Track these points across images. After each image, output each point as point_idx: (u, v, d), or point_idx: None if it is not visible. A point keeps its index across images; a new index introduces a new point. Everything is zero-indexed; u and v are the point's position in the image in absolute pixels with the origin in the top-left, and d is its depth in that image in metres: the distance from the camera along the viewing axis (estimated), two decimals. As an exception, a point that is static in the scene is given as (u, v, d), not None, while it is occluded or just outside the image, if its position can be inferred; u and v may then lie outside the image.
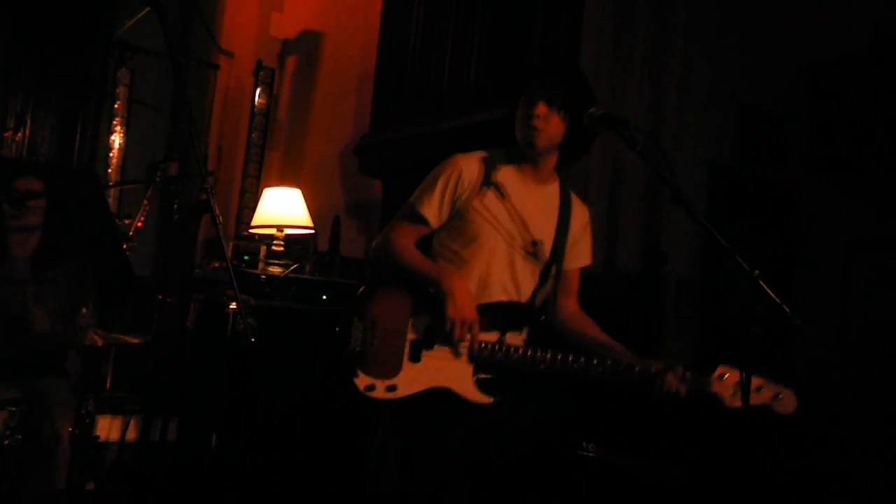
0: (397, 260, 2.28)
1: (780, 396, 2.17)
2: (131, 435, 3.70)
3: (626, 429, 3.48)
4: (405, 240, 2.30)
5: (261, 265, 4.19)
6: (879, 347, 4.30)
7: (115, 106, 5.20)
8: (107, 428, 3.61)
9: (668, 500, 3.11)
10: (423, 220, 2.30)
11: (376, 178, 4.95)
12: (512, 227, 2.28)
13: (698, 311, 4.32)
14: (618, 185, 4.22)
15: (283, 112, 5.74)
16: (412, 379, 2.18)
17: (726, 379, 2.17)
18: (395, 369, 2.18)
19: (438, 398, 2.18)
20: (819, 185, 4.83)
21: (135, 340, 3.01)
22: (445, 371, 2.18)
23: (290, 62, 5.75)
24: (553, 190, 2.37)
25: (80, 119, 4.93)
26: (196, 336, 4.17)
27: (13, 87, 4.82)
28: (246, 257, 4.31)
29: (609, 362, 2.20)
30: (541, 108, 2.23)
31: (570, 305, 2.42)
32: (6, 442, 2.71)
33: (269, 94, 5.53)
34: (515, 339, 2.28)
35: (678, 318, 4.27)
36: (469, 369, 2.20)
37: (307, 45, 5.64)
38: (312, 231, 4.47)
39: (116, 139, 5.20)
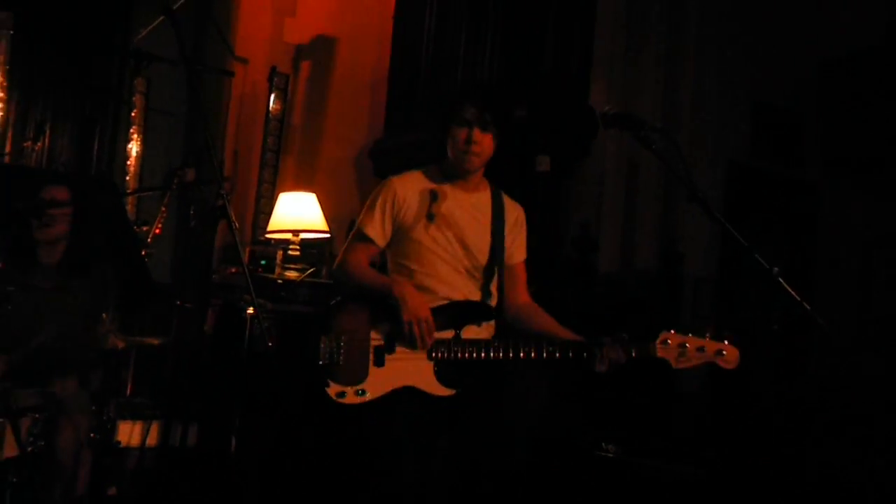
0: (352, 278, 2.53)
1: (723, 353, 2.28)
2: (152, 440, 3.71)
3: (641, 427, 3.46)
4: (358, 259, 2.54)
5: (277, 269, 4.23)
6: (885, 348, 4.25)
7: (132, 114, 5.23)
8: (127, 433, 3.63)
9: (682, 499, 3.09)
10: (369, 240, 2.54)
11: (391, 181, 4.94)
12: (456, 253, 2.50)
13: (716, 310, 4.28)
14: (634, 185, 4.19)
15: (298, 117, 5.75)
16: (379, 382, 2.37)
17: (670, 343, 2.32)
18: (363, 375, 2.37)
19: (404, 397, 2.37)
20: (837, 181, 4.78)
21: (154, 341, 3.04)
22: (408, 371, 2.38)
23: (304, 67, 5.76)
24: (484, 197, 2.58)
25: (98, 127, 4.97)
26: (214, 341, 4.20)
27: (32, 96, 4.87)
28: (263, 262, 4.34)
29: (553, 345, 2.37)
30: (476, 135, 2.45)
31: (519, 298, 2.61)
32: (29, 449, 2.72)
33: (284, 99, 5.54)
34: (475, 333, 2.44)
35: (696, 318, 4.23)
36: (429, 367, 2.38)
37: (321, 50, 5.65)
38: (328, 235, 4.49)
39: (133, 147, 5.23)
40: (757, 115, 4.72)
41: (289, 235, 4.33)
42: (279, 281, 4.08)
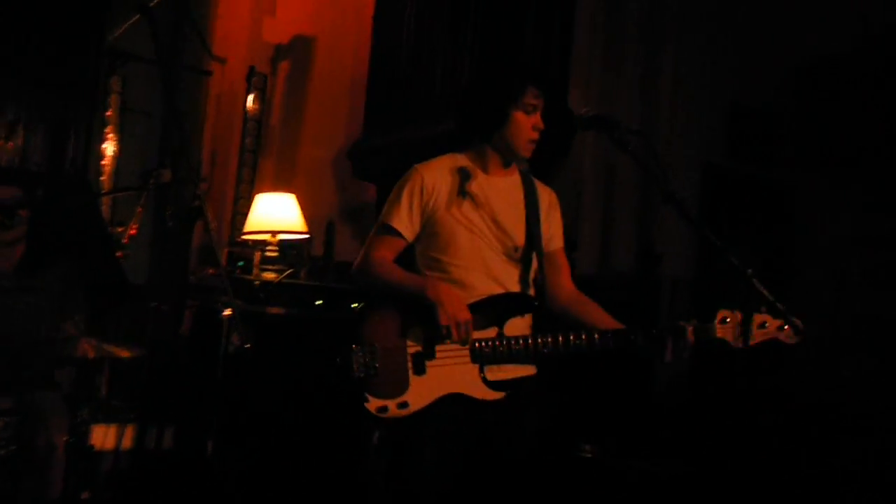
0: (379, 278, 2.30)
1: (785, 328, 2.20)
2: (127, 443, 3.67)
3: (620, 427, 3.47)
4: (383, 256, 2.32)
5: (255, 271, 4.20)
6: (873, 343, 4.31)
7: (107, 113, 5.19)
8: (102, 436, 3.58)
9: (665, 497, 3.10)
10: (396, 233, 2.31)
11: (370, 182, 4.95)
12: (491, 234, 2.31)
13: (694, 310, 4.31)
14: (611, 186, 4.22)
15: (276, 117, 5.73)
16: (422, 392, 2.19)
17: (729, 321, 2.21)
18: (403, 386, 2.19)
19: (449, 404, 2.19)
20: (811, 182, 4.83)
21: (126, 354, 2.97)
22: (452, 376, 2.20)
23: (283, 67, 5.74)
24: (515, 180, 2.40)
25: (73, 127, 4.90)
26: (191, 343, 4.17)
27: (4, 95, 4.80)
28: (240, 263, 4.31)
29: (610, 333, 2.22)
30: (541, 122, 2.30)
31: (564, 287, 2.43)
32: (0, 452, 2.69)
33: (262, 99, 5.52)
34: (518, 328, 2.28)
35: (674, 318, 4.26)
36: (475, 370, 2.21)
37: (300, 50, 5.63)
38: (306, 236, 4.47)
39: (109, 147, 5.18)
40: (733, 117, 4.76)
41: (267, 236, 4.30)
42: (257, 282, 4.04)
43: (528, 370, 2.30)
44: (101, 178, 5.20)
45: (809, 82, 4.90)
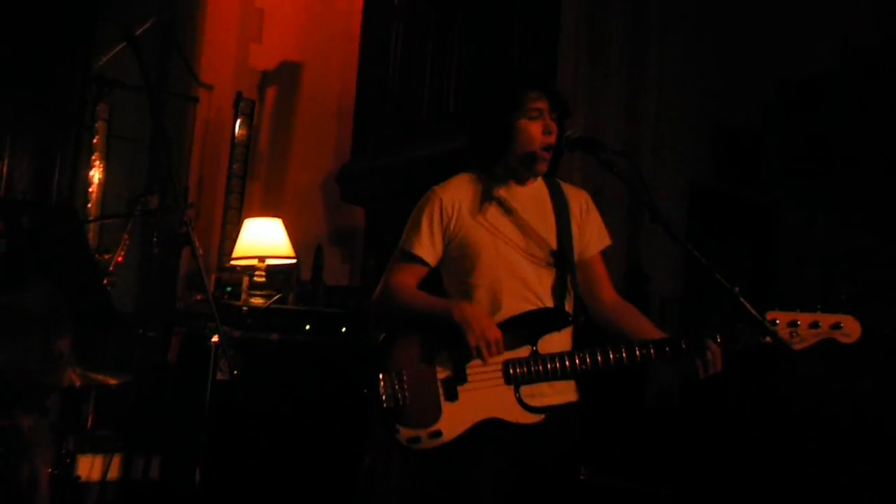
0: (402, 305, 2.21)
1: (841, 326, 2.05)
2: (113, 474, 3.62)
3: (611, 443, 3.45)
4: (405, 283, 2.22)
5: (243, 296, 4.16)
6: (861, 360, 4.31)
7: (94, 141, 5.17)
8: (88, 467, 3.53)
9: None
10: (418, 260, 2.22)
11: (358, 206, 4.94)
12: (521, 241, 2.20)
13: (682, 327, 4.32)
14: (599, 205, 4.21)
15: (264, 142, 5.73)
16: (455, 419, 2.09)
17: (779, 323, 2.07)
18: (436, 414, 2.09)
19: (485, 430, 2.09)
20: (795, 202, 4.87)
21: (113, 381, 2.93)
22: (487, 400, 2.10)
23: (270, 93, 5.76)
24: (540, 187, 2.29)
25: (59, 154, 4.88)
26: (178, 370, 4.12)
27: (-10, 123, 4.78)
28: (228, 289, 4.28)
29: (651, 345, 2.09)
30: (552, 125, 2.18)
31: (605, 295, 2.30)
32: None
33: (250, 125, 5.53)
34: (554, 344, 2.15)
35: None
36: (510, 392, 2.10)
37: (287, 76, 5.66)
38: (294, 261, 4.45)
39: (96, 174, 5.17)
40: (717, 137, 4.81)
41: (255, 262, 4.27)
42: (245, 308, 4.01)
43: (569, 396, 2.20)
44: (88, 206, 5.18)
45: (791, 102, 4.95)
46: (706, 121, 4.72)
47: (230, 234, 5.25)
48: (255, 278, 4.22)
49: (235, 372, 3.01)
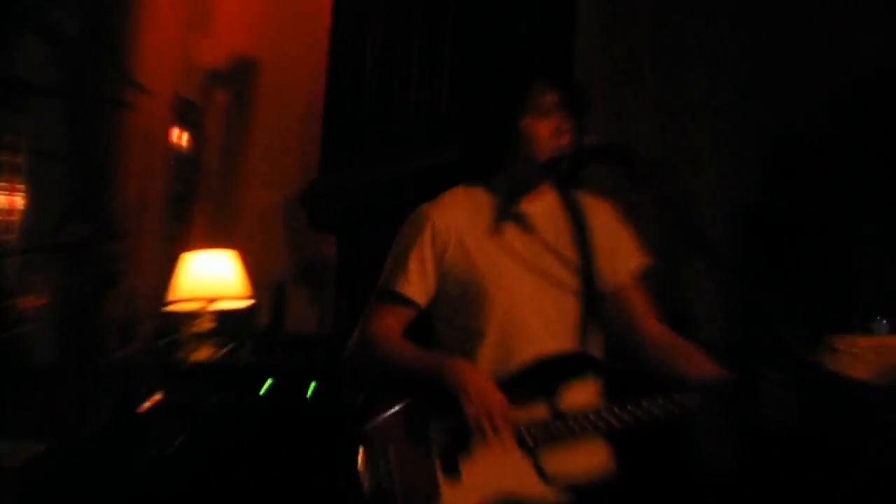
0: (383, 358, 2.15)
1: None
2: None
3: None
4: (388, 328, 2.15)
5: (186, 348, 4.13)
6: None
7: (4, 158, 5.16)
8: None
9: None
10: (404, 301, 2.14)
11: (329, 233, 4.94)
12: (546, 264, 2.13)
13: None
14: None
15: (213, 157, 5.77)
16: (458, 500, 2.01)
17: (838, 349, 2.02)
18: (433, 496, 2.01)
19: None
20: (872, 222, 4.86)
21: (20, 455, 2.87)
22: (497, 473, 2.03)
23: (220, 96, 5.78)
24: (553, 198, 2.23)
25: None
26: (105, 441, 4.08)
27: None
28: (164, 339, 4.28)
29: (700, 392, 2.04)
30: (563, 123, 2.11)
31: (643, 328, 2.25)
32: None
33: (196, 136, 5.54)
34: (579, 396, 2.08)
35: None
36: (527, 462, 2.03)
37: (240, 76, 5.72)
38: (250, 302, 4.48)
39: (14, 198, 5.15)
40: (776, 148, 4.80)
41: (201, 304, 4.31)
42: (187, 363, 4.02)
43: (602, 463, 2.12)
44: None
45: (862, 103, 4.96)
46: (760, 128, 4.73)
47: (170, 270, 5.22)
48: (201, 325, 4.23)
49: (174, 444, 2.96)
